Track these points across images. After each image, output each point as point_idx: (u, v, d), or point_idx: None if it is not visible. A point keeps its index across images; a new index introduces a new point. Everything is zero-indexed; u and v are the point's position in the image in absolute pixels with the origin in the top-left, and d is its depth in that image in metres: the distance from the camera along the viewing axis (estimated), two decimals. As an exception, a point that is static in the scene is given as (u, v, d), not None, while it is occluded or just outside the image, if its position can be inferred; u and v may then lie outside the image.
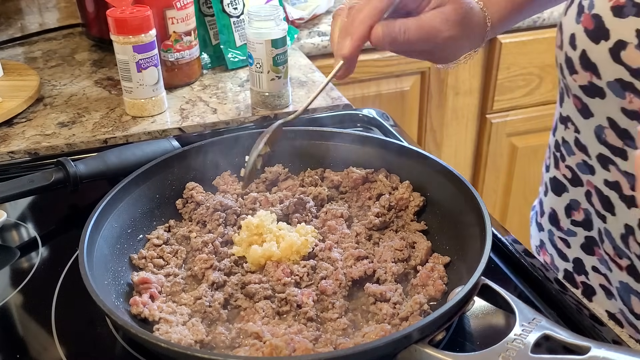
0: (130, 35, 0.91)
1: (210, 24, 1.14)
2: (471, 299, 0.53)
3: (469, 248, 0.59)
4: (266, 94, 0.97)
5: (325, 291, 0.58)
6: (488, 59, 1.61)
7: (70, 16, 1.45)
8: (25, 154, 0.90)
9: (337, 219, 0.68)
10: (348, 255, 0.62)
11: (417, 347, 0.48)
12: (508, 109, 1.68)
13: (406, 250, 0.63)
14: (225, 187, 0.74)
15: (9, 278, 0.68)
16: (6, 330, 0.61)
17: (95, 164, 0.77)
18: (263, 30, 0.91)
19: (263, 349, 0.51)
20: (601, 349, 0.46)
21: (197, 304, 0.58)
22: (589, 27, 0.59)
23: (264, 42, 0.92)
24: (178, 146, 0.81)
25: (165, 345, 0.48)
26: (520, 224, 1.75)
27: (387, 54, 1.50)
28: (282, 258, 0.62)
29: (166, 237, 0.67)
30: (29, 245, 0.72)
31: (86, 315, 0.60)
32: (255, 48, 0.93)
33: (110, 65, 1.19)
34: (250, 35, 0.93)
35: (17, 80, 1.07)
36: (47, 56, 1.24)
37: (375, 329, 0.53)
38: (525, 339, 0.48)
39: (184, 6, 1.02)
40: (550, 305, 0.61)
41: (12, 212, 0.78)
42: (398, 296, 0.57)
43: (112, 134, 0.94)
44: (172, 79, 1.07)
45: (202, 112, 1.00)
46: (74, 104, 1.04)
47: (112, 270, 0.61)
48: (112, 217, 0.64)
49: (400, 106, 1.58)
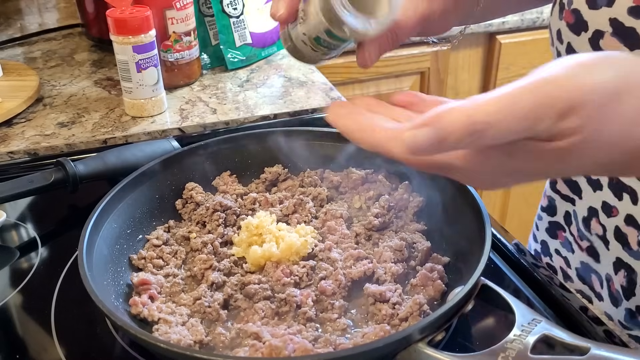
0: (130, 36, 0.91)
1: (210, 24, 1.14)
2: (471, 299, 0.53)
3: (469, 248, 0.59)
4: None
5: (325, 291, 0.58)
6: (487, 59, 1.61)
7: (70, 16, 1.45)
8: (25, 154, 0.90)
9: (337, 220, 0.68)
10: (347, 255, 0.62)
11: (417, 347, 0.48)
12: (508, 109, 1.68)
13: (406, 250, 0.63)
14: (225, 188, 0.74)
15: (8, 278, 0.68)
16: (6, 330, 0.61)
17: (95, 164, 0.77)
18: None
19: (262, 349, 0.51)
20: (601, 350, 0.46)
21: (197, 305, 0.58)
22: (570, 21, 0.61)
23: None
24: (178, 146, 0.81)
25: (165, 345, 0.48)
26: (520, 224, 1.75)
27: (387, 54, 1.50)
28: (281, 258, 0.62)
29: (166, 238, 0.67)
30: (28, 246, 0.72)
31: (86, 316, 0.60)
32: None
33: (110, 66, 1.19)
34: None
35: (17, 81, 1.07)
36: (46, 56, 1.24)
37: (374, 330, 0.53)
38: (524, 339, 0.48)
39: (183, 6, 1.02)
40: (550, 306, 0.61)
41: (12, 212, 0.78)
42: (397, 296, 0.57)
43: (112, 134, 0.94)
44: (172, 79, 1.07)
45: (202, 112, 1.00)
46: (73, 104, 1.04)
47: (111, 271, 0.61)
48: (112, 217, 0.64)
49: (400, 106, 1.58)
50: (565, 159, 0.37)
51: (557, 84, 0.34)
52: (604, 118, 0.36)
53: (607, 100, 0.35)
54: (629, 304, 0.65)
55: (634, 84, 0.36)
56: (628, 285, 0.65)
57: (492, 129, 0.34)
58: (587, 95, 0.35)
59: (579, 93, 0.34)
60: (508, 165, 0.38)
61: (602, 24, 0.58)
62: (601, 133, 0.36)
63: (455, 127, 0.33)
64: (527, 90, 0.34)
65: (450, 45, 0.68)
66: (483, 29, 1.53)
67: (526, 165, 0.38)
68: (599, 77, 0.35)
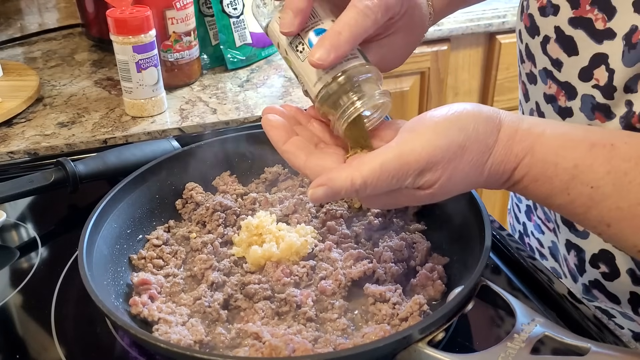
0: (130, 36, 0.91)
1: (210, 24, 1.14)
2: (471, 299, 0.53)
3: (469, 248, 0.59)
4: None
5: (325, 291, 0.58)
6: (487, 59, 1.61)
7: (70, 16, 1.45)
8: (25, 154, 0.90)
9: (337, 220, 0.68)
10: (347, 255, 0.62)
11: (417, 347, 0.48)
12: (507, 109, 1.67)
13: (406, 250, 0.63)
14: (225, 188, 0.74)
15: (8, 278, 0.68)
16: (6, 330, 0.61)
17: (95, 164, 0.77)
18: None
19: (262, 349, 0.51)
20: (601, 350, 0.46)
21: (197, 305, 0.58)
22: (527, 24, 0.68)
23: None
24: (178, 146, 0.81)
25: (165, 345, 0.48)
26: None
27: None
28: (281, 258, 0.62)
29: (166, 238, 0.67)
30: (28, 246, 0.72)
31: (86, 316, 0.60)
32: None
33: (110, 66, 1.19)
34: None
35: (17, 81, 1.07)
36: (46, 56, 1.24)
37: (374, 330, 0.53)
38: (524, 339, 0.48)
39: (183, 6, 1.02)
40: (550, 306, 0.60)
41: (12, 212, 0.78)
42: (397, 296, 0.57)
43: (112, 134, 0.94)
44: (172, 79, 1.07)
45: (202, 112, 1.00)
46: (73, 104, 1.04)
47: (111, 271, 0.61)
48: (112, 217, 0.64)
49: (400, 106, 1.58)
50: (433, 197, 0.49)
51: (414, 152, 0.46)
52: (452, 169, 0.47)
53: (453, 156, 0.47)
54: (583, 279, 0.71)
55: (474, 140, 0.47)
56: (579, 263, 0.70)
57: (369, 187, 0.46)
58: (438, 157, 0.46)
59: (431, 158, 0.46)
60: (393, 201, 0.50)
61: (549, 31, 0.64)
62: (453, 178, 0.48)
63: (342, 188, 0.46)
64: (394, 158, 0.46)
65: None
66: (483, 29, 1.53)
67: (406, 200, 0.50)
68: (448, 141, 0.46)
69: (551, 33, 0.63)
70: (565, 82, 0.63)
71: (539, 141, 0.48)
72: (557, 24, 0.62)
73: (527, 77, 0.71)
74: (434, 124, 0.47)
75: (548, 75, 0.66)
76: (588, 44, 0.59)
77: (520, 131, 0.49)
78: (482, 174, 0.49)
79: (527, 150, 0.48)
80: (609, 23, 0.57)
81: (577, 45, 0.61)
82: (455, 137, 0.47)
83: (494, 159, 0.48)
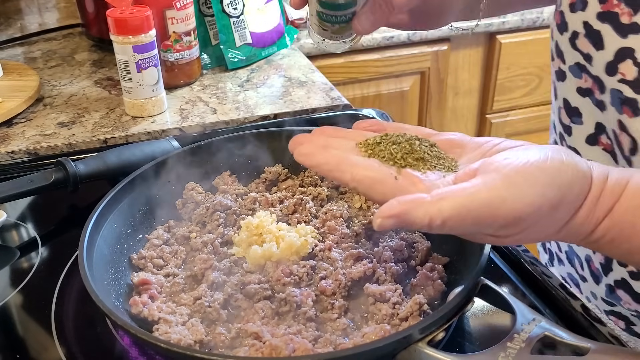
0: (130, 36, 0.91)
1: (210, 24, 1.14)
2: (471, 299, 0.53)
3: (469, 248, 0.59)
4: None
5: (325, 291, 0.58)
6: (488, 59, 1.61)
7: (70, 16, 1.45)
8: (25, 154, 0.90)
9: (337, 219, 0.68)
10: (347, 255, 0.62)
11: (417, 347, 0.48)
12: (508, 109, 1.68)
13: (406, 250, 0.63)
14: (225, 188, 0.74)
15: (8, 278, 0.68)
16: (6, 330, 0.61)
17: (95, 164, 0.77)
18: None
19: (262, 349, 0.51)
20: (601, 350, 0.46)
21: (197, 304, 0.58)
22: (558, 21, 0.68)
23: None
24: (178, 146, 0.81)
25: (165, 345, 0.48)
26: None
27: (387, 54, 1.51)
28: (281, 258, 0.62)
29: (166, 238, 0.67)
30: (28, 245, 0.72)
31: (86, 316, 0.60)
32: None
33: (110, 66, 1.19)
34: None
35: (17, 81, 1.07)
36: (46, 56, 1.24)
37: (374, 329, 0.53)
38: (525, 339, 0.48)
39: (183, 6, 1.02)
40: (550, 306, 0.61)
41: (12, 212, 0.78)
42: (397, 296, 0.57)
43: (112, 134, 0.94)
44: (172, 79, 1.07)
45: (202, 112, 1.00)
46: (73, 104, 1.04)
47: (111, 271, 0.61)
48: (112, 217, 0.64)
49: (400, 106, 1.58)
50: (501, 243, 0.47)
51: (505, 206, 0.42)
52: (536, 225, 0.44)
53: (543, 215, 0.43)
54: (608, 279, 0.70)
55: (567, 202, 0.44)
56: (606, 262, 0.70)
57: (446, 227, 0.42)
58: (527, 214, 0.42)
59: (521, 215, 0.42)
60: (456, 234, 0.46)
61: (578, 26, 0.64)
62: (532, 233, 0.45)
63: (416, 223, 0.41)
64: (481, 206, 0.41)
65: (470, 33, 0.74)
66: (483, 29, 1.53)
67: (472, 239, 0.48)
68: (543, 200, 0.43)
69: (580, 29, 0.64)
70: (596, 77, 0.64)
71: (619, 201, 0.46)
72: (585, 19, 0.63)
73: (555, 75, 0.72)
74: (530, 175, 0.43)
75: (582, 70, 0.66)
76: (614, 38, 0.60)
77: (605, 192, 0.46)
78: (560, 232, 0.46)
79: (607, 212, 0.46)
80: (634, 17, 0.58)
81: (604, 39, 0.61)
82: (552, 197, 0.43)
83: (576, 220, 0.46)
